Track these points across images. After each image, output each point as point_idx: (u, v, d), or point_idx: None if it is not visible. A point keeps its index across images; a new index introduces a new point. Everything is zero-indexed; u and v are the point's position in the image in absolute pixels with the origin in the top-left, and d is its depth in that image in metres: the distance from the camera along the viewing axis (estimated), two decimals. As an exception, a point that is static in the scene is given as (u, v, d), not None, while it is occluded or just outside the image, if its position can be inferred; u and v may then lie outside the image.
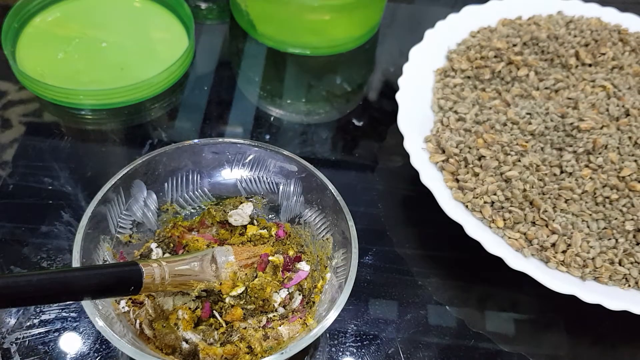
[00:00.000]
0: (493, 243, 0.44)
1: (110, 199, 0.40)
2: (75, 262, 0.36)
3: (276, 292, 0.40)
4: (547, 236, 0.45)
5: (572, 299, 0.42)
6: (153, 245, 0.43)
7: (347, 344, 0.44)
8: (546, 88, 0.54)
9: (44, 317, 0.43)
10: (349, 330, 0.44)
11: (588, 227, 0.46)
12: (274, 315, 0.40)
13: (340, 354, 0.43)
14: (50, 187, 0.50)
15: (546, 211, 0.46)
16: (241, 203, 0.45)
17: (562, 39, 0.58)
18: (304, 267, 0.42)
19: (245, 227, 0.44)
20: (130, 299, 0.39)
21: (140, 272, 0.34)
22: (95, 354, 0.42)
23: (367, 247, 0.49)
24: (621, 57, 0.57)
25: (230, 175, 0.45)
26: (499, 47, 0.56)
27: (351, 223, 0.39)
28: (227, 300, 0.39)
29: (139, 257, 0.42)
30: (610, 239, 0.46)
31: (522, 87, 0.54)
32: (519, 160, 0.48)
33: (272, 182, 0.45)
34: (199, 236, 0.43)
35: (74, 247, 0.36)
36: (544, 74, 0.55)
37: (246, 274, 0.40)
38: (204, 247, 0.42)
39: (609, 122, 0.50)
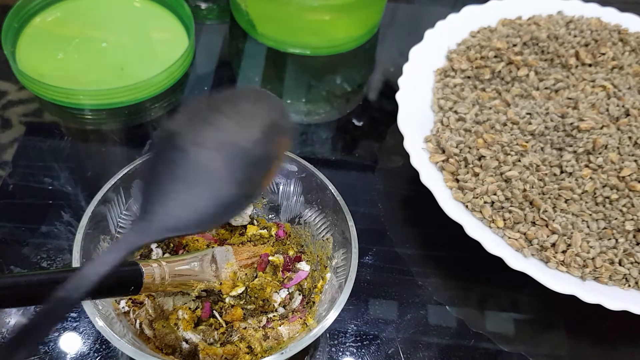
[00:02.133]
0: (493, 243, 0.44)
1: (110, 199, 0.40)
2: (75, 262, 0.36)
3: (276, 292, 0.40)
4: (547, 236, 0.45)
5: (572, 299, 0.42)
6: (153, 245, 0.43)
7: (347, 344, 0.44)
8: (546, 88, 0.54)
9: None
10: (349, 330, 0.44)
11: (588, 227, 0.46)
12: (274, 315, 0.40)
13: (340, 354, 0.43)
14: (50, 187, 0.50)
15: (546, 211, 0.46)
16: (241, 203, 0.45)
17: (562, 39, 0.58)
18: (304, 267, 0.42)
19: (245, 227, 0.44)
20: (130, 299, 0.39)
21: (140, 272, 0.34)
22: (95, 354, 0.42)
23: (367, 247, 0.49)
24: (621, 57, 0.57)
25: (230, 175, 0.45)
26: (499, 47, 0.56)
27: (351, 223, 0.39)
28: (227, 300, 0.39)
29: (139, 257, 0.42)
30: (610, 239, 0.46)
31: (522, 87, 0.54)
32: (519, 160, 0.48)
33: (272, 182, 0.45)
34: (199, 236, 0.43)
35: (74, 247, 0.36)
36: (544, 74, 0.55)
37: (246, 274, 0.40)
38: (204, 247, 0.42)
39: (609, 122, 0.50)
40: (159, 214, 0.27)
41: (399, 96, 0.52)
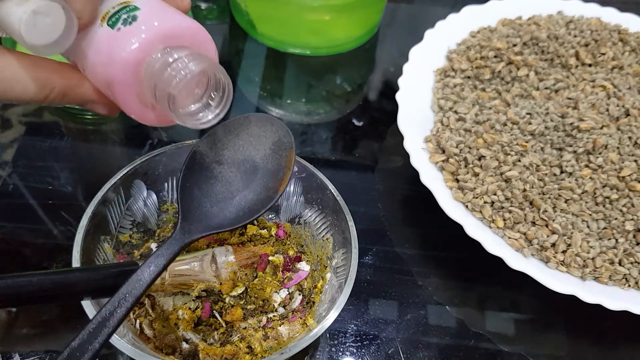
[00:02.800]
0: (493, 243, 0.44)
1: (110, 199, 0.40)
2: (75, 262, 0.36)
3: (276, 292, 0.40)
4: (547, 236, 0.45)
5: (572, 299, 0.42)
6: (153, 245, 0.43)
7: (347, 344, 0.44)
8: (546, 88, 0.54)
9: (44, 317, 0.43)
10: (349, 330, 0.44)
11: (588, 227, 0.46)
12: (274, 315, 0.40)
13: (340, 354, 0.43)
14: (50, 187, 0.50)
15: (546, 211, 0.46)
16: (241, 203, 0.45)
17: (562, 39, 0.58)
18: (304, 267, 0.42)
19: (245, 227, 0.44)
20: (130, 299, 0.39)
21: (141, 272, 0.34)
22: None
23: (367, 247, 0.49)
24: (621, 57, 0.57)
25: (230, 175, 0.45)
26: (499, 47, 0.56)
27: (351, 223, 0.39)
28: (227, 300, 0.39)
29: (139, 257, 0.42)
30: (610, 239, 0.46)
31: (522, 87, 0.54)
32: (519, 160, 0.48)
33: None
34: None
35: (74, 247, 0.36)
36: (544, 74, 0.55)
37: (246, 274, 0.40)
38: (204, 247, 0.42)
39: (609, 122, 0.50)
40: (196, 219, 0.34)
41: (399, 96, 0.52)
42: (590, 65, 0.57)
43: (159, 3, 0.31)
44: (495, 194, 0.46)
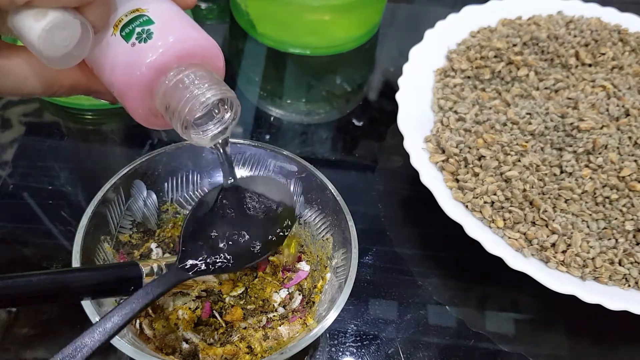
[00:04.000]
0: (493, 243, 0.44)
1: (110, 199, 0.40)
2: (75, 262, 0.36)
3: (276, 292, 0.40)
4: (547, 236, 0.45)
5: (572, 299, 0.42)
6: (153, 245, 0.43)
7: (347, 344, 0.44)
8: (546, 88, 0.54)
9: (44, 317, 0.43)
10: (349, 330, 0.44)
11: (588, 227, 0.46)
12: (274, 315, 0.40)
13: (340, 354, 0.43)
14: (50, 187, 0.50)
15: (546, 211, 0.46)
16: (241, 203, 0.45)
17: (562, 39, 0.58)
18: (304, 267, 0.42)
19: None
20: (130, 299, 0.39)
21: (140, 272, 0.34)
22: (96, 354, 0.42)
23: (367, 247, 0.49)
24: (621, 57, 0.57)
25: (230, 175, 0.45)
26: (499, 47, 0.56)
27: (351, 223, 0.39)
28: (227, 300, 0.39)
29: (139, 257, 0.42)
30: (610, 239, 0.46)
31: (522, 87, 0.54)
32: (519, 160, 0.48)
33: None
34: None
35: (74, 247, 0.36)
36: (544, 74, 0.55)
37: (246, 274, 0.40)
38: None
39: (609, 122, 0.50)
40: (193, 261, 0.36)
41: (399, 96, 0.52)
42: (590, 65, 0.57)
43: (170, 12, 0.31)
44: (495, 194, 0.46)
